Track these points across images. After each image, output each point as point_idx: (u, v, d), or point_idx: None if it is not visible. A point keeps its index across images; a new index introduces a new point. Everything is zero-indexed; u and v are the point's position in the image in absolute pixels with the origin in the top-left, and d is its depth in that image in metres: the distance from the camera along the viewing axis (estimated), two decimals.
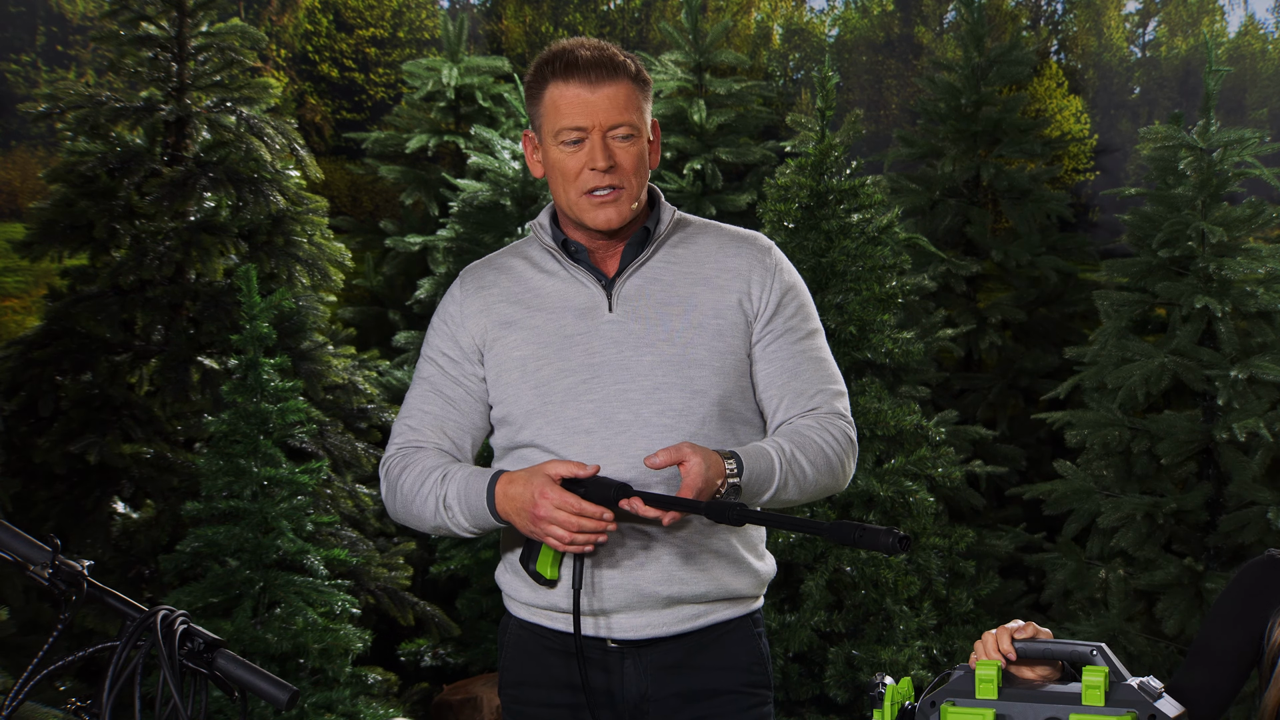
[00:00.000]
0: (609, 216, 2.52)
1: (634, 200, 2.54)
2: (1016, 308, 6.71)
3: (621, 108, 2.50)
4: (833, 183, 5.37)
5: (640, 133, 2.53)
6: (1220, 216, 5.42)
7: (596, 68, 2.50)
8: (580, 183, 2.51)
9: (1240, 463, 5.27)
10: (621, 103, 2.50)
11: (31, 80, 7.44)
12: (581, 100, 2.49)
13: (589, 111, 2.49)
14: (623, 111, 2.50)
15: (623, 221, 2.53)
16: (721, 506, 2.33)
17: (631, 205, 2.53)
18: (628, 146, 2.52)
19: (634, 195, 2.53)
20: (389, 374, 6.32)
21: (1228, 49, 7.47)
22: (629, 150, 2.52)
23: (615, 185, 2.51)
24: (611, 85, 2.50)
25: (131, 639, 1.89)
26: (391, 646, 5.86)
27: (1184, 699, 2.28)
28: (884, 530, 2.21)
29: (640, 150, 2.54)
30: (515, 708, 2.65)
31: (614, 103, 2.50)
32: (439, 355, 2.63)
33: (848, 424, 2.59)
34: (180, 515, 4.94)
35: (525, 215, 6.56)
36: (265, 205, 5.67)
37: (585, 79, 2.49)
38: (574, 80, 2.50)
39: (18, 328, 6.72)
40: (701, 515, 2.37)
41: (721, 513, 2.33)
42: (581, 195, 2.52)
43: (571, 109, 2.50)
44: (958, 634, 5.23)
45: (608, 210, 2.52)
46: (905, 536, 2.20)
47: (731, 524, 2.34)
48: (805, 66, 8.08)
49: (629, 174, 2.52)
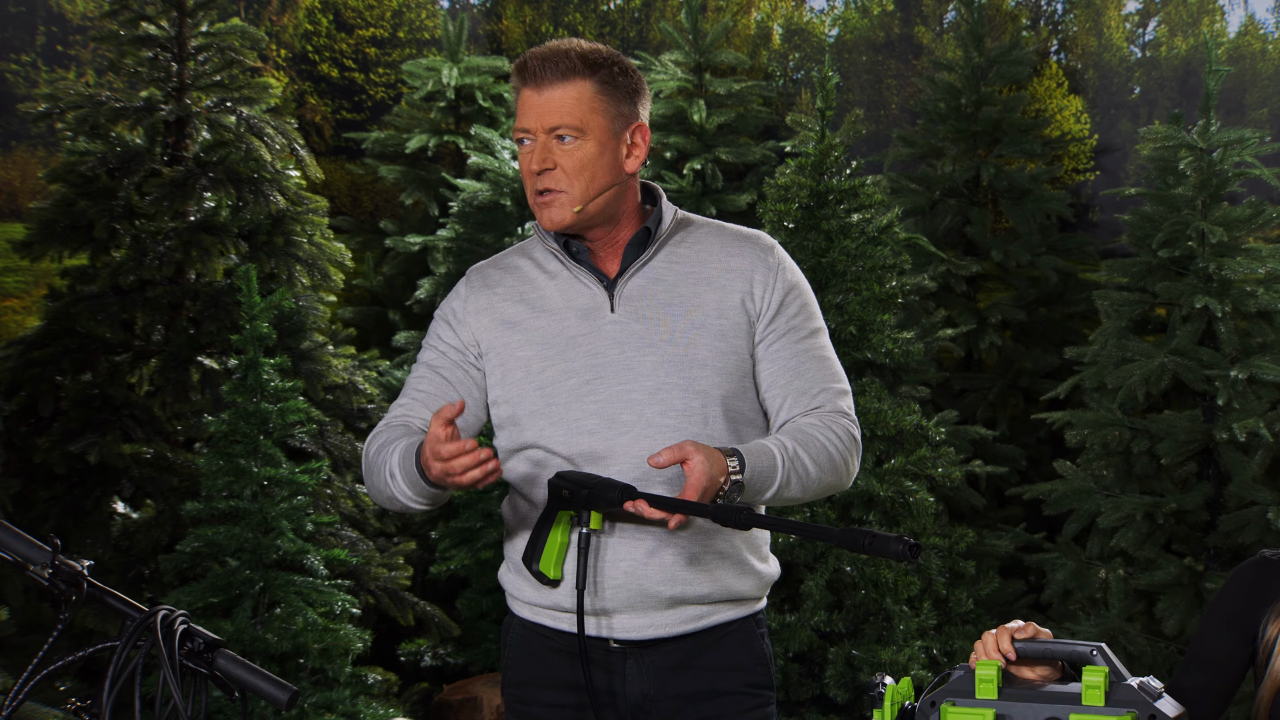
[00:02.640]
0: (550, 217, 2.53)
1: (577, 204, 2.51)
2: (1016, 308, 6.71)
3: (566, 110, 2.49)
4: (833, 183, 5.37)
5: (588, 133, 2.51)
6: (1220, 216, 5.42)
7: (544, 70, 2.50)
8: (531, 183, 2.54)
9: (1240, 463, 5.27)
10: (568, 105, 2.49)
11: (31, 80, 7.44)
12: (529, 102, 2.52)
13: (534, 113, 2.51)
14: (566, 114, 2.49)
15: (564, 224, 2.53)
16: (729, 511, 2.31)
17: (574, 210, 2.52)
18: (569, 149, 2.51)
19: (577, 198, 2.51)
20: (389, 374, 6.32)
21: (1228, 49, 7.47)
22: (571, 153, 2.50)
23: (552, 188, 2.51)
24: (559, 87, 2.50)
25: (131, 639, 1.89)
26: (391, 646, 5.86)
27: (1182, 700, 2.28)
28: (894, 537, 2.20)
29: (586, 153, 2.51)
30: (518, 708, 2.65)
31: (558, 105, 2.50)
32: (440, 342, 2.63)
33: (851, 422, 2.58)
34: (180, 515, 4.94)
35: (525, 215, 6.57)
36: (265, 205, 5.67)
37: (534, 81, 2.51)
38: (527, 83, 2.53)
39: (18, 328, 6.72)
40: (709, 519, 2.34)
41: (728, 517, 2.31)
42: (534, 195, 2.55)
43: (522, 110, 2.54)
44: (958, 634, 5.23)
45: (549, 211, 2.53)
46: (915, 544, 2.19)
47: (739, 528, 2.32)
48: (805, 66, 8.08)
49: (569, 176, 2.51)
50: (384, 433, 2.57)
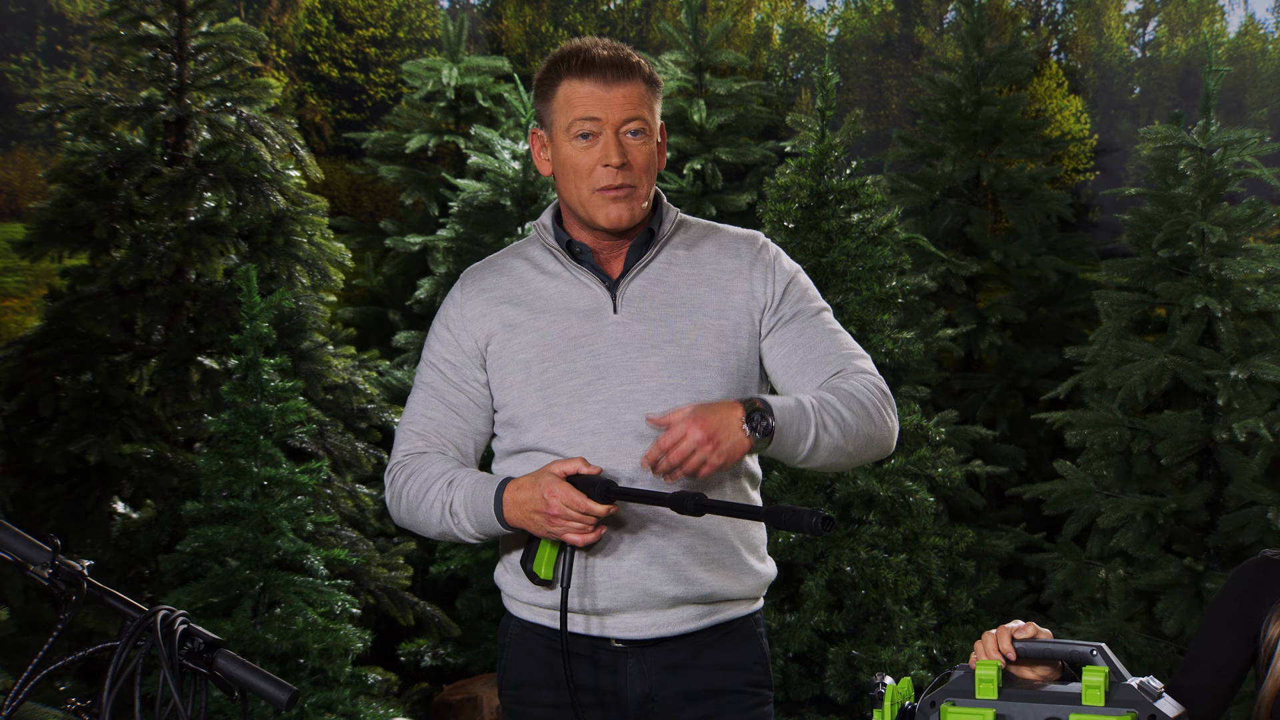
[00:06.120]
0: (620, 214, 2.52)
1: (644, 200, 2.55)
2: (1016, 308, 6.71)
3: (635, 105, 2.52)
4: (833, 183, 5.37)
5: (652, 132, 2.55)
6: (1220, 216, 5.42)
7: (612, 67, 2.51)
8: (593, 179, 2.52)
9: (1240, 463, 5.27)
10: (635, 101, 2.52)
11: (31, 80, 7.44)
12: (596, 97, 2.51)
13: (604, 107, 2.50)
14: (636, 108, 2.52)
15: (633, 220, 2.54)
16: (681, 498, 2.36)
17: (642, 205, 2.54)
18: (640, 144, 2.53)
19: (644, 195, 2.54)
20: (389, 374, 6.32)
21: (1228, 49, 7.47)
22: (641, 148, 2.53)
23: (628, 183, 2.52)
24: (626, 85, 2.51)
25: (131, 639, 1.89)
26: (391, 646, 5.86)
27: (1182, 701, 2.28)
28: (808, 511, 2.27)
29: (652, 150, 2.55)
30: (516, 708, 2.65)
31: (628, 100, 2.51)
32: (440, 361, 2.63)
33: (877, 379, 2.55)
34: (180, 515, 4.94)
35: (525, 215, 6.56)
36: (265, 205, 5.67)
37: (601, 77, 2.50)
38: (589, 78, 2.51)
39: (18, 328, 6.72)
40: (666, 507, 2.39)
41: (680, 504, 2.36)
42: (594, 192, 2.52)
43: (583, 103, 2.51)
44: (958, 634, 5.23)
45: (619, 207, 2.52)
46: (828, 517, 2.25)
47: (690, 514, 2.36)
48: (805, 66, 8.08)
49: (641, 172, 2.53)
50: (409, 463, 2.59)
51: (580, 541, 2.43)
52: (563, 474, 2.40)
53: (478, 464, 2.65)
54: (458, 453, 2.61)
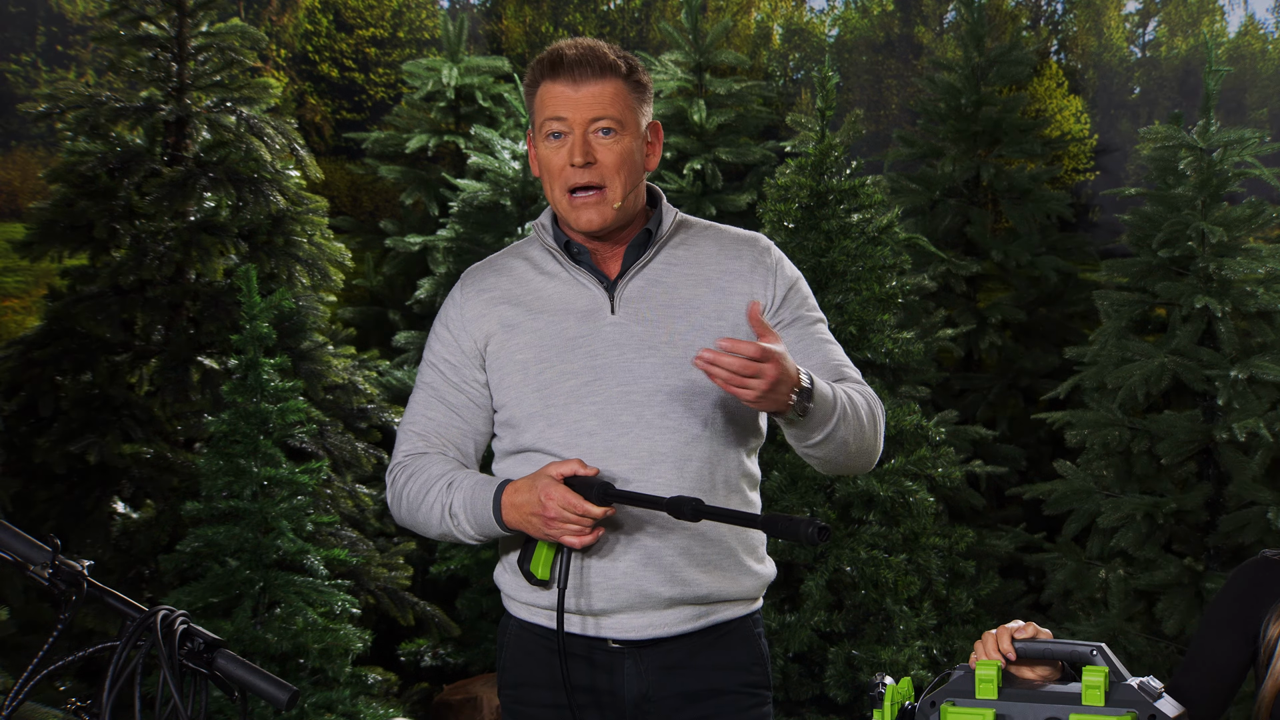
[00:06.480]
0: (590, 219, 2.52)
1: (617, 201, 2.52)
2: (1016, 308, 6.71)
3: (605, 104, 2.50)
4: (833, 183, 5.37)
5: (626, 129, 2.52)
6: (1220, 216, 5.42)
7: (581, 65, 2.50)
8: (563, 179, 2.51)
9: (1240, 463, 5.27)
10: (606, 100, 2.50)
11: (31, 80, 7.44)
12: (565, 97, 2.50)
13: (571, 106, 2.50)
14: (605, 107, 2.50)
15: (605, 224, 2.53)
16: (678, 503, 2.36)
17: (614, 207, 2.52)
18: (610, 143, 2.51)
19: (617, 196, 2.52)
20: (389, 374, 6.32)
21: (1228, 49, 7.46)
22: (612, 147, 2.51)
23: (594, 183, 2.50)
24: (596, 83, 2.50)
25: (131, 639, 1.89)
26: (391, 646, 5.86)
27: (1182, 700, 2.28)
28: (804, 520, 2.28)
29: (625, 148, 2.52)
30: (515, 708, 2.65)
31: (597, 99, 2.50)
32: (440, 361, 2.63)
33: (875, 396, 2.59)
34: (180, 515, 4.94)
35: (525, 215, 6.56)
36: (265, 205, 5.67)
37: (570, 76, 2.50)
38: (560, 78, 2.51)
39: (18, 328, 6.72)
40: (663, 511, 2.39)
41: (677, 508, 2.36)
42: (565, 194, 2.52)
43: (553, 104, 2.51)
44: (958, 634, 5.23)
45: (589, 212, 2.52)
46: (824, 527, 2.26)
47: (688, 520, 2.37)
48: (805, 66, 8.08)
49: (610, 171, 2.50)
50: (409, 464, 2.59)
51: (578, 544, 2.43)
52: (560, 476, 2.40)
53: (479, 464, 2.65)
54: (458, 453, 2.61)
